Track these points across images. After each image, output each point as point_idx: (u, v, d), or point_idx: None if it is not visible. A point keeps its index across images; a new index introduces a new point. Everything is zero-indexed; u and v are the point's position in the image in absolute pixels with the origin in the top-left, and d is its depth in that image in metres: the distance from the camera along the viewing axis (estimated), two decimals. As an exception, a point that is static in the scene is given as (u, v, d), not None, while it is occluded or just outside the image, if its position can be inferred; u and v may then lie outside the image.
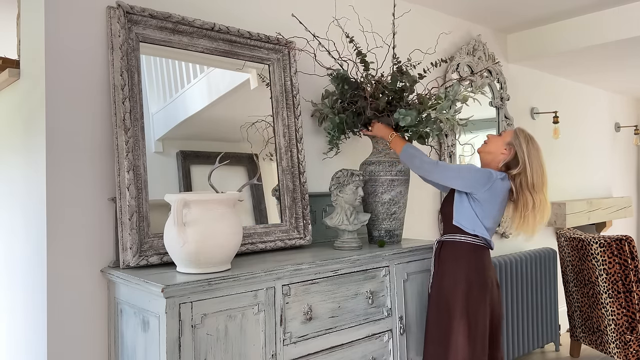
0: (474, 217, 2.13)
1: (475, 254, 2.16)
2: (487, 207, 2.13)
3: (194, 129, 2.17)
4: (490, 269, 2.21)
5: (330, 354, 1.97)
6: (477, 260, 2.15)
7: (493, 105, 3.75)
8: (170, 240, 1.69)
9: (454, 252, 2.17)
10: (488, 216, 2.15)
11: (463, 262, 2.14)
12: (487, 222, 2.15)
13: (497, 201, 2.15)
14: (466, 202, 2.15)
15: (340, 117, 2.34)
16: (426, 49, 2.94)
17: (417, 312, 2.31)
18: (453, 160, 3.40)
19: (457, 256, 2.16)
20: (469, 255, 2.15)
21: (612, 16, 3.44)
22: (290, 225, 2.31)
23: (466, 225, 2.14)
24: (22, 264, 2.01)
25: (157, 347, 1.58)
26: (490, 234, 2.19)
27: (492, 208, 2.14)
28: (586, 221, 4.52)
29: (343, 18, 2.64)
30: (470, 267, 2.14)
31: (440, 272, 2.19)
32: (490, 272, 2.20)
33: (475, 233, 2.14)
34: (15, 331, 2.10)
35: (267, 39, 2.32)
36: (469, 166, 2.18)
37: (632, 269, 3.30)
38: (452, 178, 2.16)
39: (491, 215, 2.15)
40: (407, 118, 2.23)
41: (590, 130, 5.10)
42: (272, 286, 1.80)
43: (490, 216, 2.15)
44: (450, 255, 2.18)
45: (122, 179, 1.84)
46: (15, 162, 2.10)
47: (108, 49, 1.91)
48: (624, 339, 3.33)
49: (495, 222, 2.19)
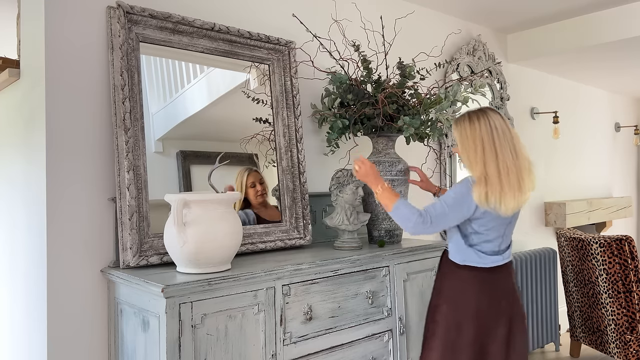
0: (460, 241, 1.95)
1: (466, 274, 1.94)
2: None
3: (194, 129, 2.17)
4: (482, 291, 1.92)
5: (330, 354, 1.97)
6: (466, 281, 1.94)
7: (493, 105, 3.74)
8: (170, 240, 1.69)
9: (446, 266, 2.01)
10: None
11: (448, 280, 1.98)
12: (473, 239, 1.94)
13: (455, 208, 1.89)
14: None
15: (342, 121, 2.33)
16: (426, 49, 2.94)
17: (417, 312, 2.30)
18: (453, 160, 3.40)
19: (445, 272, 2.01)
20: (453, 271, 1.97)
21: (612, 16, 3.44)
22: (290, 225, 2.31)
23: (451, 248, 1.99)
24: (23, 264, 2.01)
25: (157, 347, 1.58)
26: (482, 252, 1.93)
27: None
28: (586, 221, 4.52)
29: (344, 19, 2.64)
30: (456, 282, 1.95)
31: (436, 285, 2.06)
32: (480, 296, 1.92)
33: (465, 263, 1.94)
34: (16, 331, 2.10)
35: (267, 39, 2.32)
36: (453, 195, 1.90)
37: (632, 269, 3.30)
38: (447, 221, 1.91)
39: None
40: (411, 129, 2.23)
41: (590, 130, 5.10)
42: (272, 286, 1.80)
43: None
44: (442, 268, 2.04)
45: (122, 179, 1.84)
46: (15, 162, 2.10)
47: (108, 49, 1.91)
48: (624, 339, 3.32)
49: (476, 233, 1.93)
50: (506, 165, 1.85)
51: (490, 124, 1.89)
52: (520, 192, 1.87)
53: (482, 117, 1.90)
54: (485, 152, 1.86)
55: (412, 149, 2.81)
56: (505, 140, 1.88)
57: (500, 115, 1.93)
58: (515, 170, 1.86)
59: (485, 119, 1.90)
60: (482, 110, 1.94)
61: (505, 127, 1.91)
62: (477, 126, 1.89)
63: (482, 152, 1.87)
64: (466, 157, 1.92)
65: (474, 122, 1.90)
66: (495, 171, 1.85)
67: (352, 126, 2.34)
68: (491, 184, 1.84)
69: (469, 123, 1.91)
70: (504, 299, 1.94)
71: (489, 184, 1.84)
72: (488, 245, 1.94)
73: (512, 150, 1.88)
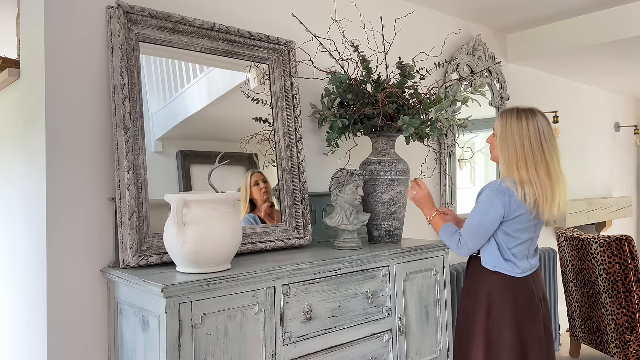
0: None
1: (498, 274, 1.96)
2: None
3: (194, 129, 2.17)
4: (517, 290, 1.94)
5: (330, 354, 1.97)
6: (495, 282, 1.96)
7: (493, 105, 3.74)
8: (170, 240, 1.69)
9: (479, 269, 2.02)
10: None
11: (484, 279, 1.99)
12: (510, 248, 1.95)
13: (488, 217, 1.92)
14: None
15: (342, 121, 2.33)
16: (426, 49, 2.94)
17: (417, 312, 2.30)
18: (453, 160, 3.40)
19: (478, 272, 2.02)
20: (487, 275, 1.98)
21: (612, 16, 3.44)
22: (290, 225, 2.31)
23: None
24: (23, 264, 2.01)
25: (157, 347, 1.58)
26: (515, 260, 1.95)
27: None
28: (586, 221, 4.52)
29: (344, 19, 2.64)
30: (492, 285, 1.95)
31: (465, 288, 2.09)
32: (516, 292, 1.94)
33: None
34: (16, 331, 2.10)
35: (267, 39, 2.32)
36: (478, 209, 1.93)
37: (632, 269, 3.30)
38: (481, 236, 1.94)
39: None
40: (411, 129, 2.24)
41: (590, 130, 5.10)
42: (272, 286, 1.80)
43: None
44: (475, 271, 2.04)
45: (122, 179, 1.84)
46: (15, 162, 2.10)
47: (108, 49, 1.91)
48: (624, 339, 3.32)
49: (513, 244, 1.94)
50: (556, 171, 1.87)
51: (539, 128, 1.89)
52: (564, 199, 1.89)
53: (532, 118, 1.90)
54: (535, 155, 1.86)
55: (412, 149, 2.81)
56: (552, 148, 1.89)
57: (548, 122, 1.93)
58: (562, 179, 1.88)
59: (535, 121, 1.89)
60: (532, 111, 1.93)
61: (551, 134, 1.91)
62: (524, 125, 1.88)
63: (530, 153, 1.86)
64: (506, 152, 1.90)
65: (522, 120, 1.90)
66: (547, 174, 1.85)
67: (352, 126, 2.34)
68: (544, 187, 1.84)
69: (517, 119, 1.90)
70: (536, 297, 1.97)
71: (542, 186, 1.84)
72: (519, 248, 1.95)
73: (557, 160, 1.90)
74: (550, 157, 1.87)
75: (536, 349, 1.94)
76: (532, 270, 1.99)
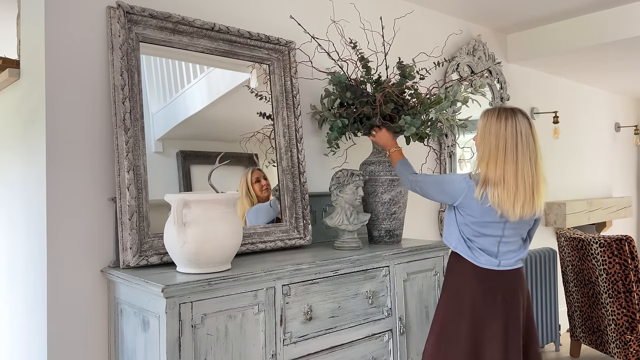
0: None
1: (459, 265, 1.99)
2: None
3: (194, 129, 2.17)
4: (480, 282, 1.94)
5: (330, 354, 1.97)
6: (460, 271, 1.99)
7: (493, 105, 3.75)
8: (170, 240, 1.69)
9: (450, 261, 2.06)
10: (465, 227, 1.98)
11: (450, 272, 2.04)
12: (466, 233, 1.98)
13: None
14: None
15: (342, 120, 2.33)
16: (426, 49, 2.94)
17: (417, 312, 2.30)
18: (453, 161, 3.41)
19: (449, 266, 2.06)
20: (454, 266, 2.02)
21: (612, 16, 3.44)
22: (290, 225, 2.31)
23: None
24: (23, 264, 2.01)
25: (157, 347, 1.58)
26: (474, 247, 1.96)
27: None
28: (586, 221, 4.52)
29: (342, 20, 2.63)
30: (457, 274, 2.00)
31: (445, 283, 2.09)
32: (471, 286, 1.94)
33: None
34: (16, 331, 2.10)
35: (267, 39, 2.32)
36: (445, 177, 2.04)
37: (632, 269, 3.30)
38: (431, 188, 2.05)
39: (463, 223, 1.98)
40: (412, 128, 2.24)
41: (590, 130, 5.10)
42: (272, 286, 1.80)
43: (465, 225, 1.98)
44: (448, 264, 2.08)
45: (122, 179, 1.84)
46: (15, 162, 2.10)
47: (108, 49, 1.91)
48: (624, 339, 3.32)
49: (475, 232, 1.95)
50: (523, 173, 1.86)
51: (517, 128, 1.89)
52: (531, 203, 1.87)
53: (511, 118, 1.90)
54: (506, 154, 1.87)
55: (412, 149, 2.81)
56: (527, 149, 1.88)
57: (529, 122, 1.93)
58: (531, 181, 1.87)
59: (513, 121, 1.90)
60: (513, 111, 1.93)
61: (531, 136, 1.91)
62: (502, 125, 1.89)
63: (503, 153, 1.87)
64: (481, 151, 1.92)
65: (501, 119, 1.90)
66: (513, 176, 1.85)
67: (351, 125, 2.34)
68: (507, 187, 1.85)
69: (496, 119, 1.91)
70: (500, 295, 1.93)
71: (505, 187, 1.85)
72: (481, 240, 1.94)
73: (531, 161, 1.88)
74: (523, 157, 1.87)
75: (494, 347, 1.91)
76: (499, 267, 1.95)
